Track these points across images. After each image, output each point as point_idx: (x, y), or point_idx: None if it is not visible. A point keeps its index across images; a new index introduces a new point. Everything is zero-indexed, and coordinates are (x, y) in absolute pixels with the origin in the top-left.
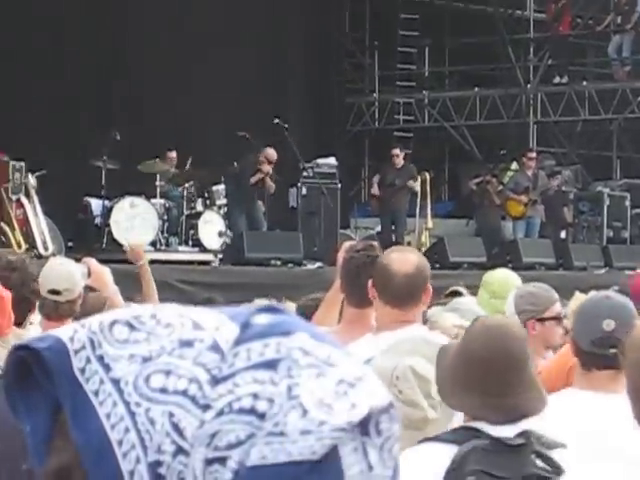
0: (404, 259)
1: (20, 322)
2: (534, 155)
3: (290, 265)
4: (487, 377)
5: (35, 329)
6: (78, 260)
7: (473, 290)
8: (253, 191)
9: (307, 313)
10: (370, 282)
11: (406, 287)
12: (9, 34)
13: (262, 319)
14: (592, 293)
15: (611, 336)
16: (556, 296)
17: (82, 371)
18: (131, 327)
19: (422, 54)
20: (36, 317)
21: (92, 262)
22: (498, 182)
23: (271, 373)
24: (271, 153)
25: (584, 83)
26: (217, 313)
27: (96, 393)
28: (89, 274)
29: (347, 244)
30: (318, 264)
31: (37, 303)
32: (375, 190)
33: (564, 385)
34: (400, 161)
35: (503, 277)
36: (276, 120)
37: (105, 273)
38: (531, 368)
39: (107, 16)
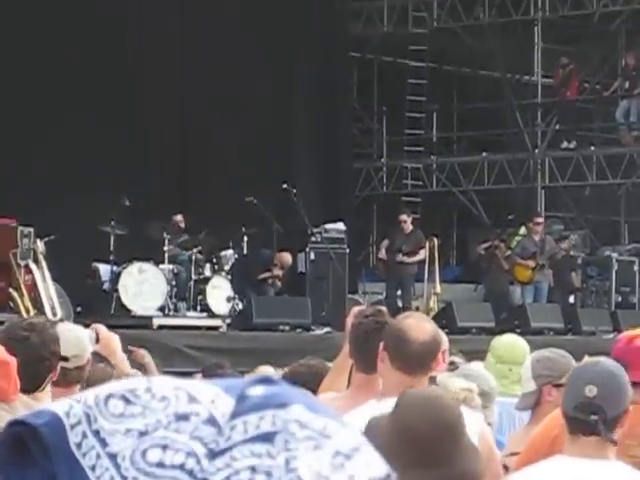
0: (421, 327)
1: (38, 385)
2: (541, 220)
3: (298, 330)
4: (427, 449)
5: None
6: (87, 326)
7: (482, 355)
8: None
9: (297, 379)
10: (381, 345)
11: (422, 354)
12: (19, 97)
13: (257, 391)
14: (586, 359)
15: (592, 402)
16: (573, 363)
17: (78, 446)
18: (126, 401)
19: (430, 119)
20: None
21: (101, 329)
22: (506, 247)
23: (268, 446)
24: (287, 260)
25: (592, 148)
26: (212, 385)
27: (93, 468)
28: (97, 340)
29: (356, 309)
30: (326, 329)
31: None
32: (382, 254)
33: (548, 453)
34: (408, 227)
35: (509, 342)
36: (284, 185)
37: (113, 340)
38: (468, 435)
39: (120, 78)
